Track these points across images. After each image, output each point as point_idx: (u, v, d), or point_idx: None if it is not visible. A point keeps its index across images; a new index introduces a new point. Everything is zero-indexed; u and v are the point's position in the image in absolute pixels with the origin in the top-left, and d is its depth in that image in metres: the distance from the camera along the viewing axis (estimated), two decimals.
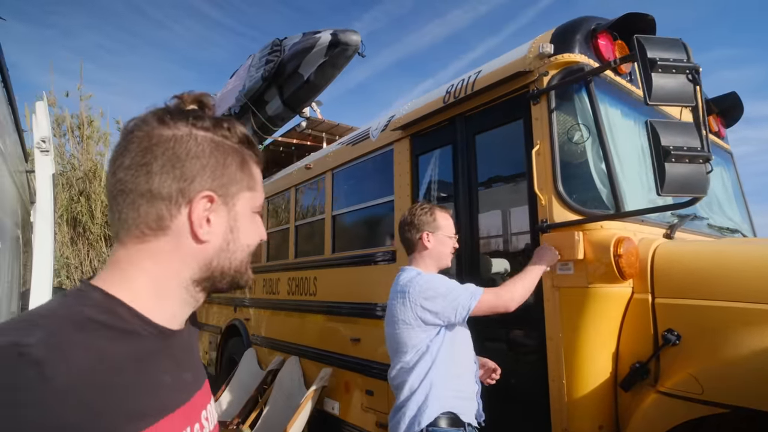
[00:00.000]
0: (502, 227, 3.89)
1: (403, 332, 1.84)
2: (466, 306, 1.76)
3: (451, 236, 2.00)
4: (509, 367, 2.59)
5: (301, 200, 4.98)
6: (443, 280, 1.85)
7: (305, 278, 4.52)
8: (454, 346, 1.84)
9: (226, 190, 0.69)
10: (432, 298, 1.78)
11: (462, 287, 1.83)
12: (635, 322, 2.07)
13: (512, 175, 2.95)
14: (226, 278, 0.72)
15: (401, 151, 3.39)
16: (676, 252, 2.07)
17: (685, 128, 1.70)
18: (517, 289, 1.87)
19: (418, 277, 1.85)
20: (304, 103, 4.71)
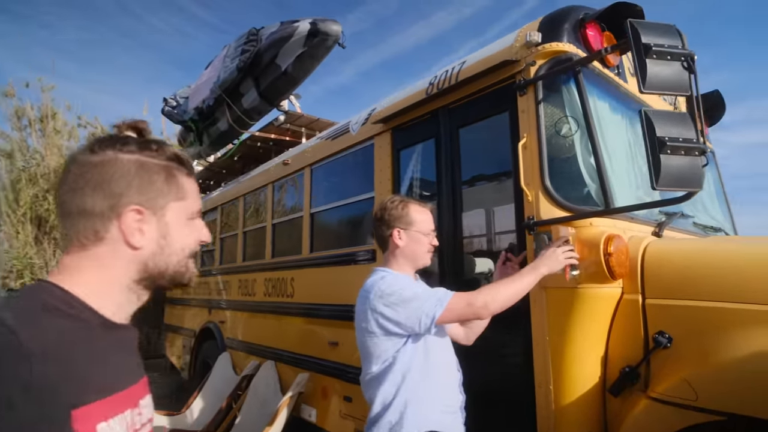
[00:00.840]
0: (486, 225, 3.78)
1: (367, 341, 1.69)
2: (430, 314, 1.59)
3: (427, 233, 1.81)
4: (493, 372, 2.48)
5: (279, 197, 4.79)
6: (409, 285, 1.68)
7: (282, 279, 4.34)
8: (429, 357, 1.68)
9: (154, 203, 0.81)
10: (393, 305, 1.62)
11: (430, 292, 1.66)
12: (625, 324, 1.97)
13: (498, 170, 2.84)
14: (166, 277, 0.85)
15: (382, 145, 3.24)
16: (667, 250, 1.98)
17: (679, 119, 1.60)
18: (497, 296, 1.64)
19: (382, 281, 1.70)
20: (282, 95, 4.53)
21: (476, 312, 1.62)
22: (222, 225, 6.07)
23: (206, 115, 5.32)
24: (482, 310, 1.62)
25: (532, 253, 2.15)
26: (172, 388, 7.74)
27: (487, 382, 2.12)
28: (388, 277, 1.73)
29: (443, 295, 1.64)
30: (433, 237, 1.84)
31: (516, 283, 1.71)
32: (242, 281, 5.18)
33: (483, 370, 2.48)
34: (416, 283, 1.76)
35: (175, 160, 0.85)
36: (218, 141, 5.59)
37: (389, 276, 1.75)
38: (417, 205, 1.84)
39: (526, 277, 1.74)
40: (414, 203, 1.84)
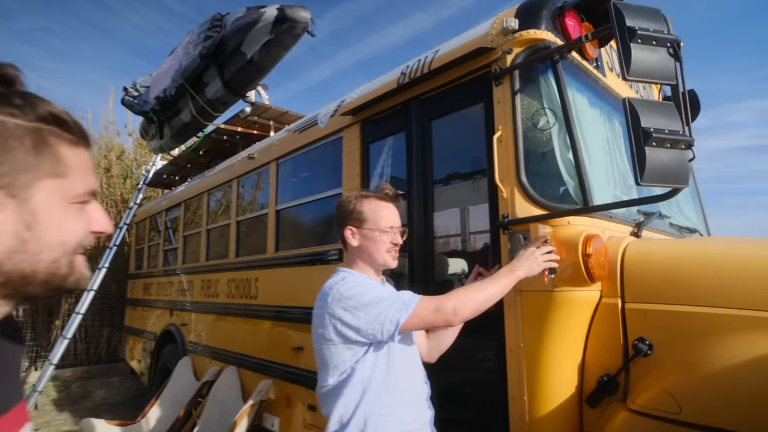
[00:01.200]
0: (460, 224, 3.64)
1: (324, 349, 1.52)
2: (394, 320, 1.42)
3: (384, 229, 1.61)
4: (464, 384, 2.33)
5: (244, 193, 4.55)
6: (372, 287, 1.51)
7: (246, 280, 4.10)
8: (393, 368, 1.51)
9: (13, 180, 0.60)
10: (353, 309, 1.45)
11: (395, 296, 1.49)
12: (603, 329, 1.85)
13: (472, 165, 2.69)
14: (35, 283, 0.63)
15: (351, 138, 3.06)
16: (648, 252, 1.87)
17: (665, 110, 1.48)
18: (469, 300, 1.47)
19: (342, 282, 1.52)
20: (248, 85, 4.28)
21: (445, 318, 1.45)
22: (185, 222, 5.76)
23: (168, 106, 5.02)
24: (452, 316, 1.45)
25: (507, 253, 2.01)
26: (131, 395, 7.36)
27: (457, 395, 1.97)
28: (349, 279, 1.55)
29: (409, 298, 1.47)
30: (395, 234, 1.64)
31: (490, 286, 1.54)
32: (205, 282, 4.91)
33: (453, 382, 2.33)
34: (381, 286, 1.59)
35: (52, 121, 0.64)
36: (181, 133, 5.29)
37: (350, 277, 1.57)
38: (374, 199, 1.65)
39: (502, 280, 1.58)
40: (371, 198, 1.66)
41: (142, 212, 7.58)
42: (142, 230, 7.52)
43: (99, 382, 8.00)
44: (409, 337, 1.61)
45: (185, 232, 5.69)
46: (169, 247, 6.23)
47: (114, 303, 9.02)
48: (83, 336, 8.80)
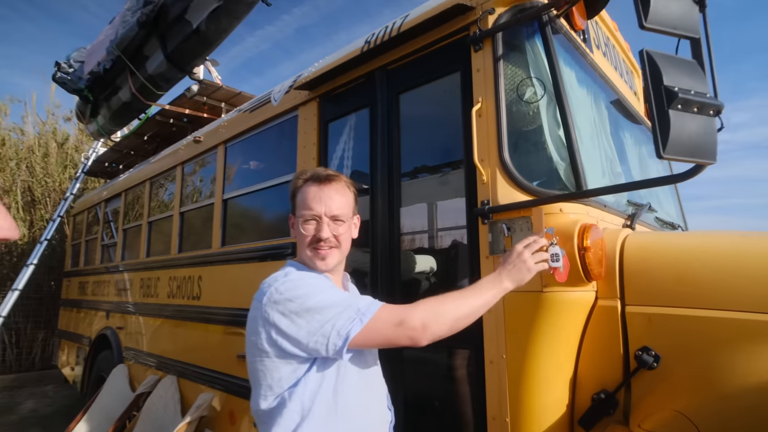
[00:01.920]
0: (430, 214, 3.32)
1: (256, 362, 1.16)
2: (342, 333, 1.08)
3: (304, 218, 1.24)
4: (434, 403, 2.00)
5: (189, 182, 4.07)
6: (319, 289, 1.16)
7: (189, 278, 3.63)
8: (342, 393, 1.16)
9: None
10: (292, 315, 1.10)
11: (348, 302, 1.14)
12: (599, 337, 1.56)
13: (445, 145, 2.37)
14: None
15: (307, 116, 2.68)
16: (651, 245, 1.59)
17: (689, 67, 1.20)
18: (443, 314, 1.14)
19: (284, 279, 1.17)
20: (194, 60, 3.81)
21: (411, 335, 1.10)
22: (126, 214, 5.19)
23: (104, 83, 4.46)
24: (419, 333, 1.10)
25: (487, 246, 1.69)
26: (66, 405, 6.66)
27: (426, 417, 1.64)
28: (293, 275, 1.19)
29: (366, 306, 1.12)
30: (317, 224, 1.24)
31: (472, 297, 1.20)
32: (144, 280, 4.38)
33: (421, 401, 2.00)
34: (333, 288, 1.22)
35: None
36: (120, 115, 4.73)
37: (295, 274, 1.21)
38: (310, 180, 1.28)
39: (487, 291, 1.23)
40: (305, 178, 1.29)
41: (80, 204, 6.89)
42: (80, 224, 6.82)
43: (29, 392, 7.22)
44: (367, 352, 1.26)
45: (125, 225, 5.12)
46: (107, 242, 5.62)
47: (51, 304, 8.21)
48: (14, 341, 7.94)
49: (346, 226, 1.27)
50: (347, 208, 1.28)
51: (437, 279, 2.99)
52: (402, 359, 1.92)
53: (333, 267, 1.27)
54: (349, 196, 1.31)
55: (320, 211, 1.23)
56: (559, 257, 1.40)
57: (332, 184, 1.27)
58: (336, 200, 1.25)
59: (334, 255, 1.26)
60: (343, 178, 1.31)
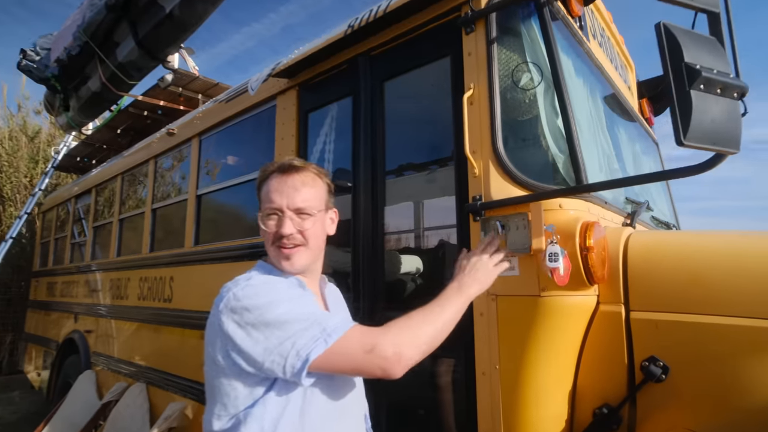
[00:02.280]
0: (417, 212, 3.17)
1: (212, 376, 1.01)
2: (302, 354, 0.91)
3: (266, 212, 1.09)
4: (420, 419, 1.84)
5: (162, 176, 3.84)
6: (283, 297, 0.98)
7: (160, 279, 3.41)
8: (310, 420, 0.99)
9: None
10: (249, 327, 0.93)
11: (315, 318, 0.96)
12: (602, 346, 1.42)
13: (434, 137, 2.21)
14: None
15: (286, 106, 2.50)
16: (658, 245, 1.46)
17: (709, 44, 1.06)
18: (418, 336, 0.98)
19: (245, 283, 1.01)
20: (168, 47, 3.58)
21: (383, 366, 0.92)
22: (96, 211, 4.93)
23: (72, 71, 4.20)
24: (393, 364, 0.92)
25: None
26: (33, 411, 6.33)
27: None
28: (256, 280, 1.03)
29: (334, 325, 0.95)
30: (276, 220, 1.07)
31: (441, 312, 1.05)
32: (114, 281, 4.14)
33: (405, 416, 1.85)
34: (303, 296, 1.04)
35: None
36: (90, 105, 4.47)
37: (258, 278, 1.04)
38: (274, 170, 1.12)
39: (454, 302, 1.09)
40: (273, 169, 1.12)
41: (50, 200, 6.57)
42: (50, 221, 6.50)
43: None
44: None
45: (95, 222, 4.85)
46: (77, 240, 5.34)
47: (20, 305, 7.84)
48: None
49: (314, 221, 1.09)
50: (316, 200, 1.11)
51: (424, 280, 2.83)
52: None
53: (302, 268, 1.10)
54: (319, 187, 1.14)
55: (281, 204, 1.06)
56: (558, 257, 1.26)
57: (297, 174, 1.10)
58: (301, 192, 1.08)
59: (301, 254, 1.08)
60: (312, 168, 1.15)
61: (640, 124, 3.03)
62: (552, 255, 1.25)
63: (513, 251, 1.44)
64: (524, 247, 1.41)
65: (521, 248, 1.42)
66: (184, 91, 4.18)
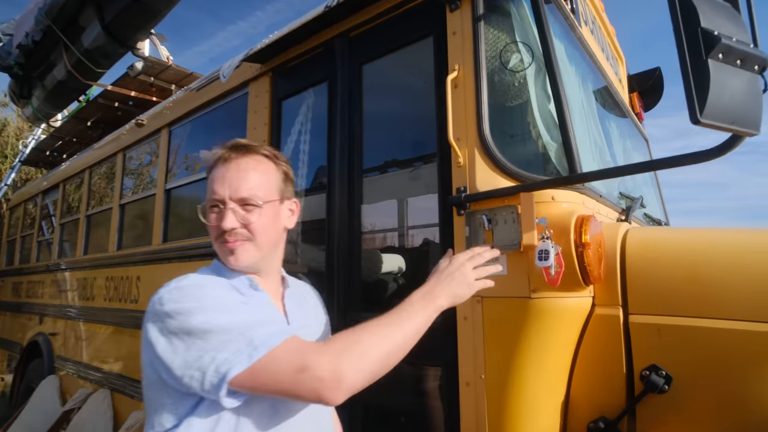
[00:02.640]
0: (399, 207, 3.02)
1: (146, 385, 0.87)
2: (221, 371, 0.75)
3: (208, 203, 0.94)
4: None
5: (130, 170, 3.63)
6: (212, 302, 0.82)
7: (127, 278, 3.21)
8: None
9: None
10: (171, 336, 0.79)
11: (247, 327, 0.79)
12: (598, 353, 1.29)
13: (416, 123, 2.07)
14: None
15: (259, 93, 2.32)
16: (659, 242, 1.33)
17: (725, 10, 0.93)
18: (364, 355, 0.79)
19: (176, 283, 0.86)
20: (136, 33, 3.38)
21: (317, 388, 0.75)
22: (63, 207, 4.67)
23: (36, 58, 3.95)
24: (330, 387, 0.75)
25: (464, 242, 1.40)
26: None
27: None
28: (189, 281, 0.87)
29: (264, 337, 0.78)
30: (217, 213, 0.92)
31: (400, 324, 0.86)
32: (81, 281, 3.91)
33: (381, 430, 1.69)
34: (242, 301, 0.88)
35: None
36: (57, 95, 4.23)
37: (192, 279, 0.88)
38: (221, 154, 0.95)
39: (417, 313, 0.90)
40: (219, 154, 0.96)
41: (18, 196, 6.27)
42: (17, 218, 6.20)
43: None
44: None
45: (63, 219, 4.60)
46: (44, 237, 5.08)
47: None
48: None
49: (262, 213, 0.93)
50: (265, 188, 0.95)
51: (406, 280, 2.69)
52: None
53: (249, 264, 0.94)
54: (271, 174, 0.98)
55: (223, 195, 0.91)
56: (549, 255, 1.12)
57: (244, 157, 0.94)
58: (247, 179, 0.92)
59: (247, 249, 0.93)
60: (263, 150, 0.98)
61: (631, 119, 2.93)
62: (542, 253, 1.11)
63: (501, 248, 1.30)
64: (513, 243, 1.27)
65: (510, 244, 1.28)
66: (157, 81, 3.96)
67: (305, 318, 1.06)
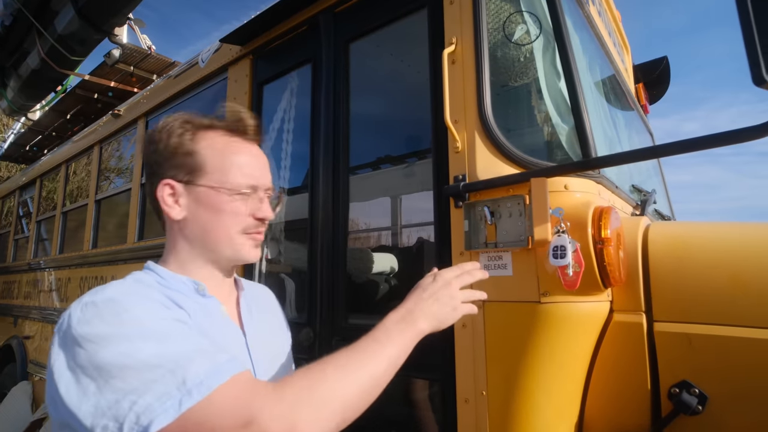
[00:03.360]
0: (393, 206, 2.85)
1: (52, 425, 0.65)
2: (144, 421, 0.53)
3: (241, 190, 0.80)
4: None
5: (107, 164, 3.43)
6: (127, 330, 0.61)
7: (100, 278, 3.01)
8: None
9: None
10: (78, 370, 0.58)
11: (175, 361, 0.59)
12: (617, 366, 1.11)
13: (409, 107, 1.89)
14: None
15: (238, 78, 2.14)
16: (690, 239, 1.16)
17: None
18: (326, 401, 0.61)
19: (90, 300, 0.63)
20: (112, 17, 3.17)
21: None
22: (40, 204, 4.46)
23: (9, 46, 3.74)
24: None
25: (462, 237, 1.22)
26: None
27: None
28: (110, 291, 0.66)
29: (203, 376, 0.58)
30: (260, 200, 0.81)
31: (370, 359, 0.67)
32: (55, 281, 3.70)
33: None
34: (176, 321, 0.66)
35: None
36: (32, 85, 4.01)
37: (113, 288, 0.67)
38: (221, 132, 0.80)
39: (393, 341, 0.71)
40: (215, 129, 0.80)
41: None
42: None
43: None
44: None
45: (39, 216, 4.38)
46: (21, 236, 4.85)
47: None
48: None
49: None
50: None
51: (399, 281, 2.51)
52: None
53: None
54: None
55: (264, 180, 0.82)
56: (566, 252, 0.94)
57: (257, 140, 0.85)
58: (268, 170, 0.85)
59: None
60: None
61: (637, 111, 2.77)
62: (557, 249, 0.94)
63: (505, 245, 1.12)
64: (520, 239, 1.10)
65: (516, 241, 1.11)
66: (137, 71, 3.76)
67: (264, 329, 0.87)
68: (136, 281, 0.74)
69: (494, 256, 1.16)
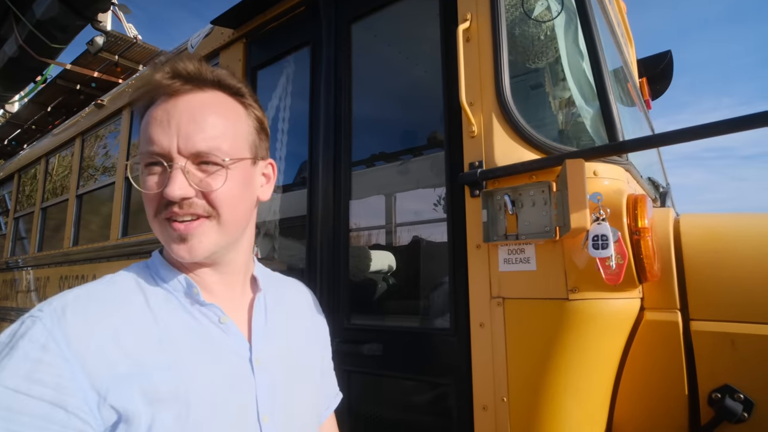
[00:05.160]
0: (388, 203, 2.75)
1: None
2: None
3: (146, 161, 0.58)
4: None
5: (89, 157, 3.26)
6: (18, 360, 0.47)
7: (81, 277, 2.86)
8: None
9: None
10: None
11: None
12: (649, 368, 1.02)
13: (416, 89, 1.78)
14: None
15: (230, 62, 2.01)
16: (728, 231, 1.07)
17: None
18: None
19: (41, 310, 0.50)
20: (95, 2, 3.02)
21: None
22: (18, 200, 4.26)
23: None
24: None
25: (479, 228, 1.12)
26: None
27: None
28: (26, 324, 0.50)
29: None
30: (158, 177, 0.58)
31: None
32: (34, 281, 3.52)
33: None
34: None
35: None
36: (9, 75, 3.83)
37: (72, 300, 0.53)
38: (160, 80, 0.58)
39: None
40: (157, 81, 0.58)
41: None
42: None
43: None
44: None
45: (17, 212, 4.19)
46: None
47: None
48: None
49: (228, 175, 0.59)
50: (231, 140, 0.61)
51: (397, 280, 2.40)
52: (349, 397, 1.32)
53: (209, 256, 0.61)
54: (240, 118, 0.64)
55: (168, 146, 0.56)
56: (608, 242, 0.85)
57: (197, 92, 0.60)
58: (204, 125, 0.58)
59: (206, 232, 0.59)
60: (226, 80, 0.63)
61: (639, 105, 2.70)
62: (597, 239, 0.84)
63: (528, 236, 1.02)
64: (545, 229, 1.00)
65: (540, 232, 1.01)
66: (122, 61, 3.60)
67: (281, 340, 0.69)
68: (112, 283, 0.59)
69: (515, 249, 1.06)
